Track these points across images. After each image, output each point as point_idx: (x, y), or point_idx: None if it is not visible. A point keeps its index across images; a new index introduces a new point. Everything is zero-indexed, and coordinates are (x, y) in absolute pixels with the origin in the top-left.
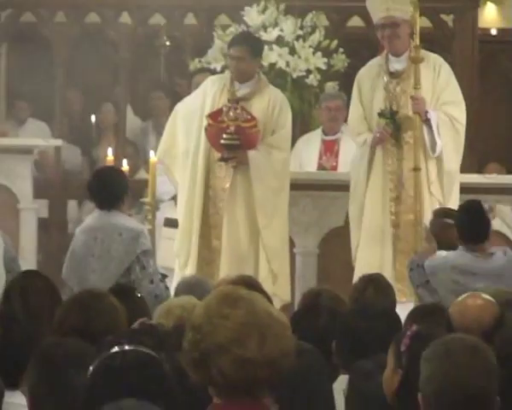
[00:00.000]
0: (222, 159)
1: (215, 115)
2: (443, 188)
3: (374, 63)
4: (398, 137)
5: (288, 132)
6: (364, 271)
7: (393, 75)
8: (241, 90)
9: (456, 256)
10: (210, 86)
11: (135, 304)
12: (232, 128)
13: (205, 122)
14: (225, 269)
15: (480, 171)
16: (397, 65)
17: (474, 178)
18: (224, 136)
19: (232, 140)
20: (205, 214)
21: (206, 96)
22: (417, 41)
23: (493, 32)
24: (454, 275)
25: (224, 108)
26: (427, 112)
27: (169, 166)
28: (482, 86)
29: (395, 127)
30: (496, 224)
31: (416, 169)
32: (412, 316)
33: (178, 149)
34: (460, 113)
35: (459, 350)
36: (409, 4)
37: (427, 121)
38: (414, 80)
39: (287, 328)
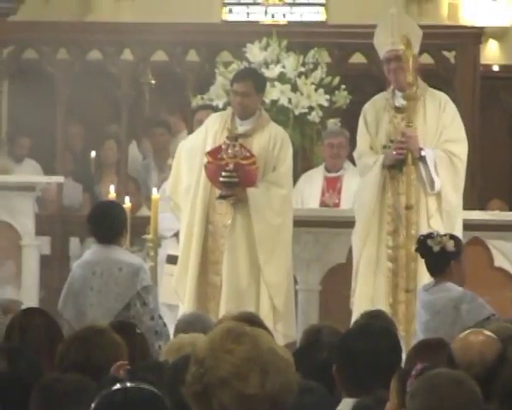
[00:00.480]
0: (221, 196)
1: (214, 153)
2: (444, 222)
3: (380, 97)
4: (401, 170)
5: (289, 169)
6: (359, 303)
7: (399, 110)
8: (243, 127)
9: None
10: (212, 124)
11: (135, 340)
12: (231, 166)
13: (205, 160)
14: (226, 305)
15: (482, 207)
16: (402, 100)
17: (476, 215)
18: (223, 173)
19: (231, 177)
20: (204, 250)
21: (208, 133)
22: (410, 78)
23: (495, 68)
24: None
25: (223, 146)
26: (421, 149)
27: (177, 203)
28: (484, 122)
29: (399, 161)
30: (498, 260)
31: (408, 207)
32: (415, 352)
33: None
34: (461, 149)
35: (444, 384)
36: (416, 40)
37: (423, 159)
38: (407, 116)
39: (290, 365)
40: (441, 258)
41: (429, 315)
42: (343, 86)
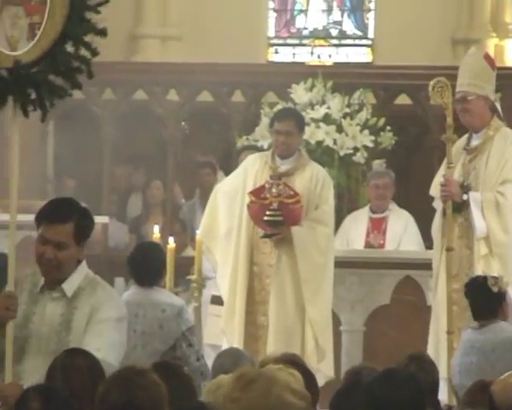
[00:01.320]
0: (265, 235)
1: (257, 192)
2: (496, 263)
3: (463, 138)
4: (458, 214)
5: (332, 207)
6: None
7: (469, 151)
8: (284, 166)
9: (465, 334)
10: (251, 164)
11: (181, 381)
12: (275, 204)
13: (247, 199)
14: (273, 345)
15: None
16: (475, 142)
17: None
18: (268, 212)
19: (275, 216)
20: (250, 291)
21: (248, 174)
22: (449, 121)
23: None
24: (469, 357)
25: (267, 185)
26: (464, 193)
27: (209, 247)
28: None
29: (455, 205)
30: None
31: (449, 249)
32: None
33: (219, 230)
34: (509, 188)
35: None
36: (488, 81)
37: (466, 203)
38: (447, 158)
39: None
40: (496, 299)
41: (481, 355)
42: (388, 127)
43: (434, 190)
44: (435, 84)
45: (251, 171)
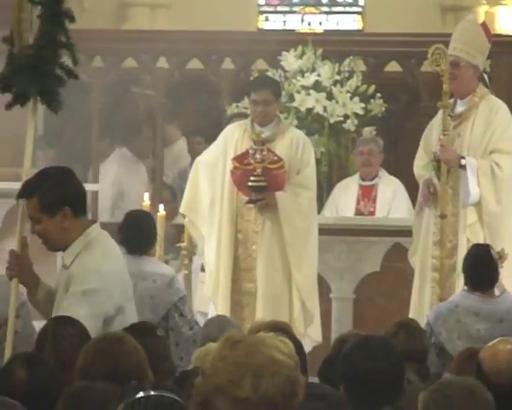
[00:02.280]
0: (250, 201)
1: (241, 158)
2: (484, 232)
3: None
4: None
5: (313, 170)
6: (412, 314)
7: (454, 118)
8: (264, 133)
9: (460, 297)
10: (231, 133)
11: (154, 343)
12: (259, 170)
13: (230, 166)
14: (261, 312)
15: None
16: (460, 108)
17: None
18: (252, 178)
19: (260, 182)
20: (235, 259)
21: (228, 143)
22: (445, 88)
23: None
24: (456, 315)
25: (251, 151)
26: (462, 158)
27: (193, 220)
28: None
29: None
30: None
31: (442, 216)
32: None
33: (202, 202)
34: (505, 162)
35: (456, 394)
36: (479, 51)
37: (463, 168)
38: (442, 125)
39: (290, 368)
40: (497, 270)
41: (489, 323)
42: (378, 95)
43: (418, 169)
44: (434, 51)
45: (230, 140)
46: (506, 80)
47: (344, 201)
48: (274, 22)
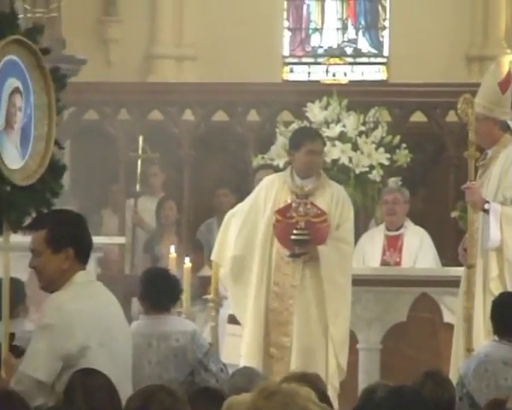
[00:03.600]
0: (293, 255)
1: (284, 211)
2: (505, 284)
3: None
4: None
5: (352, 226)
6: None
7: (481, 167)
8: (307, 186)
9: (490, 347)
10: (270, 185)
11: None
12: (302, 223)
13: (272, 219)
14: (295, 366)
15: None
16: (485, 159)
17: None
18: (295, 231)
19: (303, 235)
20: (272, 312)
21: (267, 195)
22: (472, 137)
23: None
24: (485, 365)
25: (294, 204)
26: (487, 202)
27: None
28: None
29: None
30: None
31: (469, 266)
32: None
33: (226, 256)
34: None
35: None
36: (493, 102)
37: (486, 212)
38: (469, 175)
39: None
40: None
41: None
42: (404, 145)
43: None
44: (462, 101)
45: (270, 191)
46: None
47: (370, 251)
48: (299, 73)
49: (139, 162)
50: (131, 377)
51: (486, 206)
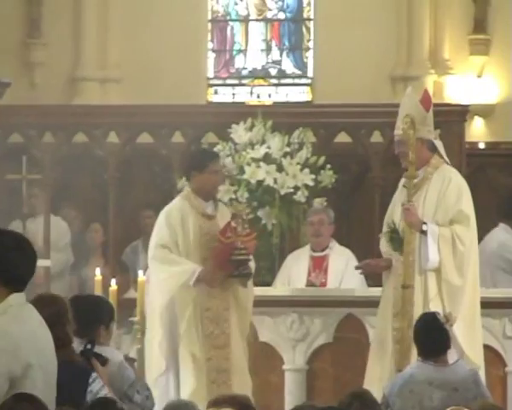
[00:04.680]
0: (238, 275)
1: (223, 232)
2: (444, 304)
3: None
4: (402, 251)
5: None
6: (367, 384)
7: (410, 188)
8: (208, 208)
9: (415, 368)
10: (184, 216)
11: None
12: (239, 243)
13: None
14: (238, 388)
15: None
16: (415, 180)
17: (486, 292)
18: (236, 252)
19: (242, 255)
20: (208, 337)
21: (182, 227)
22: (412, 157)
23: (481, 145)
24: (410, 385)
25: (233, 224)
26: (424, 223)
27: None
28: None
29: (398, 242)
30: (484, 338)
31: (405, 286)
32: None
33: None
34: (464, 234)
35: None
36: (418, 121)
37: (424, 233)
38: (407, 195)
39: None
40: (447, 336)
41: (443, 393)
42: (328, 166)
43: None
44: (405, 122)
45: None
46: (456, 149)
47: (296, 272)
48: (223, 95)
49: (24, 184)
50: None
51: (424, 227)
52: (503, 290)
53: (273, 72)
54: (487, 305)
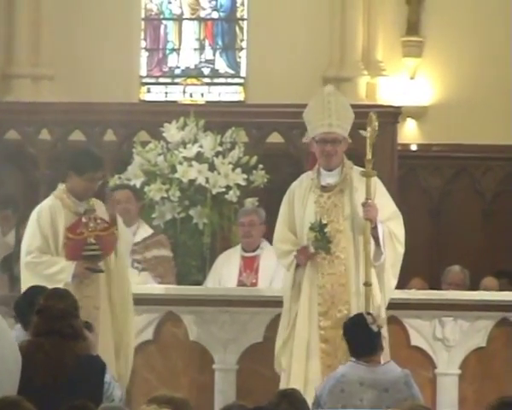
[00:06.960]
0: (92, 270)
1: (73, 228)
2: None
3: (305, 177)
4: (328, 250)
5: None
6: (292, 384)
7: (325, 189)
8: (81, 207)
9: (347, 367)
10: (54, 216)
11: None
12: (92, 239)
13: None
14: None
15: (402, 286)
16: (329, 179)
17: (395, 294)
18: (86, 247)
19: (94, 251)
20: None
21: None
22: (369, 155)
23: (413, 147)
24: (342, 385)
25: (84, 220)
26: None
27: None
28: (402, 201)
29: (325, 240)
30: (414, 339)
31: (367, 284)
32: None
33: None
34: (400, 230)
35: None
36: (350, 123)
37: (375, 229)
38: (366, 193)
39: None
40: (376, 336)
41: (373, 393)
42: (260, 166)
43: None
44: (369, 119)
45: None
46: (388, 151)
47: (227, 272)
48: (156, 93)
49: None
50: None
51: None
52: (432, 292)
53: (206, 71)
54: (417, 306)
